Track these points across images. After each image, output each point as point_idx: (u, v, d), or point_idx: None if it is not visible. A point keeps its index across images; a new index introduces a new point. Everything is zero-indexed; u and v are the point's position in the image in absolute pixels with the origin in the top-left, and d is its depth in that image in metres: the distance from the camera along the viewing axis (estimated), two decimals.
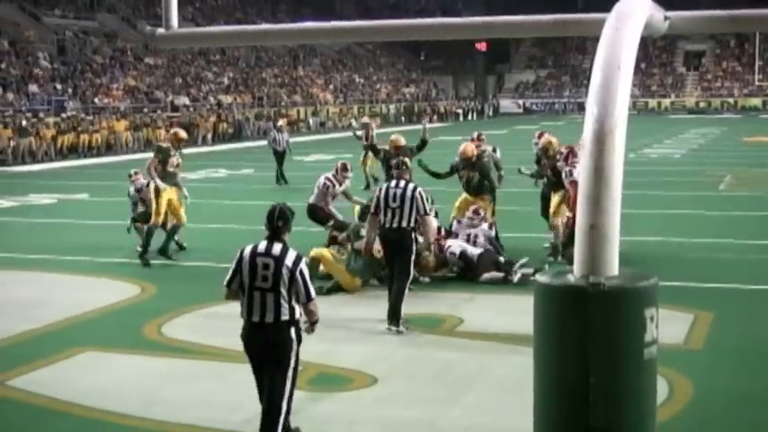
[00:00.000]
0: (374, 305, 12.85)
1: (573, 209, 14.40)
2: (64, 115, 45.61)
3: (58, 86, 51.36)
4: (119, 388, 9.82)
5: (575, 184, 14.40)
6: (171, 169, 16.60)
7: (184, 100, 57.84)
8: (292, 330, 7.49)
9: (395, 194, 12.30)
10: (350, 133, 33.48)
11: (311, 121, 65.50)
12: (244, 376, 10.14)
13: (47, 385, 9.93)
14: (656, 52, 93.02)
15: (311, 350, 10.50)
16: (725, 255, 16.61)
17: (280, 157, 29.38)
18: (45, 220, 19.69)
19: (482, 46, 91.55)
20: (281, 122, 34.71)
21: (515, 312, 12.40)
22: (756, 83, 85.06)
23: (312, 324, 7.75)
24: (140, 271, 15.88)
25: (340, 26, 9.27)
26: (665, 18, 6.93)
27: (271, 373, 7.48)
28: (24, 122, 41.37)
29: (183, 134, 17.44)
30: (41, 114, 45.20)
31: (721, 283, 14.41)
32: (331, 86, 77.38)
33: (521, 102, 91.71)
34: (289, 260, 7.44)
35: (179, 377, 10.24)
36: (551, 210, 16.04)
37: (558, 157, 15.96)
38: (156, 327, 12.24)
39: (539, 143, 17.40)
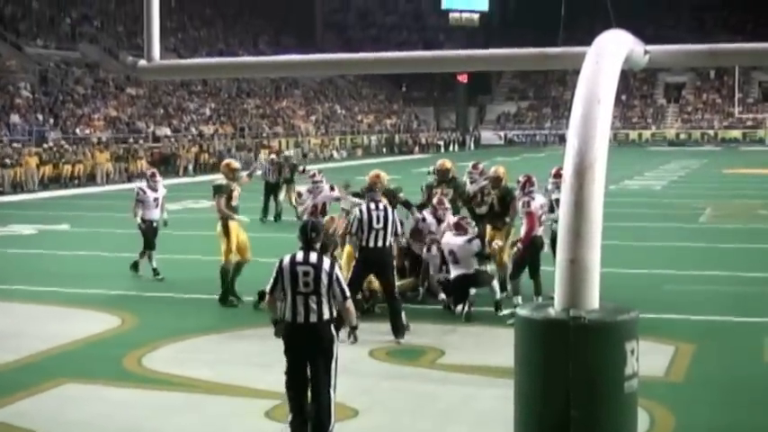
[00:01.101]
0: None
1: (526, 240, 14.36)
2: (46, 146, 45.53)
3: (40, 117, 51.27)
4: (100, 421, 9.76)
5: (531, 215, 14.36)
6: (234, 203, 15.66)
7: (166, 130, 57.80)
8: (332, 327, 8.59)
9: (378, 216, 13.06)
10: (331, 164, 33.53)
11: (293, 152, 65.55)
12: (226, 409, 10.12)
13: (28, 417, 9.86)
14: (636, 84, 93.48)
15: None
16: (706, 287, 16.65)
17: (271, 189, 28.00)
18: (25, 251, 19.62)
19: (463, 77, 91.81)
20: (273, 155, 33.51)
21: (497, 345, 12.40)
22: (736, 115, 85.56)
23: (352, 329, 9.05)
24: (120, 302, 15.82)
25: (322, 59, 9.30)
26: (646, 52, 6.99)
27: (316, 368, 8.52)
28: (9, 152, 41.47)
29: (235, 164, 16.44)
30: (21, 144, 45.05)
31: (702, 315, 14.44)
32: (313, 117, 77.46)
33: (502, 133, 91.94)
34: (326, 266, 8.57)
35: (161, 409, 10.19)
36: (496, 246, 15.34)
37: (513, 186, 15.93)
38: (136, 358, 12.18)
39: (477, 172, 16.90)
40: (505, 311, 13.93)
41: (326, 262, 8.66)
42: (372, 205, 13.29)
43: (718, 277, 17.59)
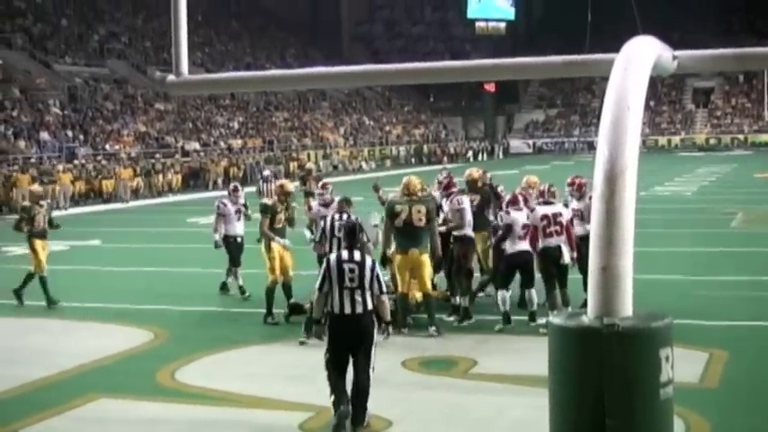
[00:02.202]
0: (386, 347, 12.84)
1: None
2: (76, 162, 45.81)
3: (69, 133, 51.59)
4: None
5: (532, 228, 14.18)
6: (278, 225, 15.61)
7: (195, 145, 58.04)
8: (374, 315, 9.76)
9: (340, 226, 13.53)
10: (360, 176, 33.15)
11: (322, 164, 65.67)
12: (261, 422, 10.13)
13: None
14: (664, 90, 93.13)
15: (323, 394, 10.48)
16: (738, 292, 16.56)
17: None
18: (58, 267, 19.69)
19: (491, 86, 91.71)
20: (267, 171, 31.71)
21: (530, 354, 12.35)
22: (766, 118, 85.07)
23: (386, 324, 10.11)
24: (152, 316, 15.87)
25: (349, 71, 9.30)
26: (674, 57, 6.96)
27: (359, 352, 9.62)
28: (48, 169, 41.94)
29: (289, 186, 16.32)
30: (54, 162, 45.34)
31: (735, 321, 14.36)
32: (341, 129, 77.58)
33: (531, 141, 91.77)
34: (368, 264, 9.77)
35: (195, 424, 10.21)
36: (482, 254, 15.71)
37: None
38: (169, 373, 12.22)
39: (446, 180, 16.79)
40: (540, 320, 13.88)
41: (369, 260, 9.85)
42: (336, 216, 14.11)
43: (751, 282, 17.49)
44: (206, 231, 21.61)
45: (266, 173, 30.17)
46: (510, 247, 14.16)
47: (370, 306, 9.71)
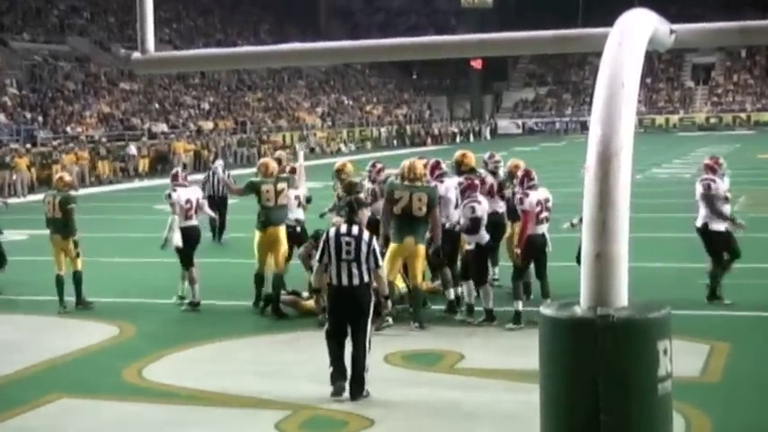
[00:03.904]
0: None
1: (520, 241, 14.43)
2: (35, 149, 45.63)
3: (27, 115, 51.36)
4: None
5: (525, 214, 14.09)
6: (269, 203, 15.37)
7: (162, 127, 57.87)
8: (371, 289, 10.71)
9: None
10: (339, 159, 32.68)
11: (297, 146, 65.45)
12: (233, 421, 10.13)
13: None
14: (662, 66, 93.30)
15: (302, 391, 10.48)
16: (742, 280, 16.59)
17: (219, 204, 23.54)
18: (16, 258, 19.63)
19: (478, 63, 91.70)
20: (219, 162, 27.29)
21: (519, 346, 12.38)
22: None
23: (386, 299, 11.26)
24: (118, 311, 15.83)
25: (326, 47, 9.28)
26: (671, 32, 6.97)
27: (357, 323, 10.58)
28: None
29: (273, 164, 16.05)
30: (12, 145, 45.08)
31: (738, 311, 14.41)
32: (318, 110, 77.47)
33: (520, 122, 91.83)
34: (365, 238, 10.75)
35: (164, 424, 10.20)
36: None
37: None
38: (136, 370, 12.20)
39: (375, 171, 16.74)
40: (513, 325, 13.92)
41: (366, 234, 10.84)
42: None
43: (755, 270, 17.54)
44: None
45: (218, 163, 26.83)
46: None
47: (366, 279, 10.67)
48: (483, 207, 14.09)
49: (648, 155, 46.64)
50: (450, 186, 14.97)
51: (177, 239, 15.95)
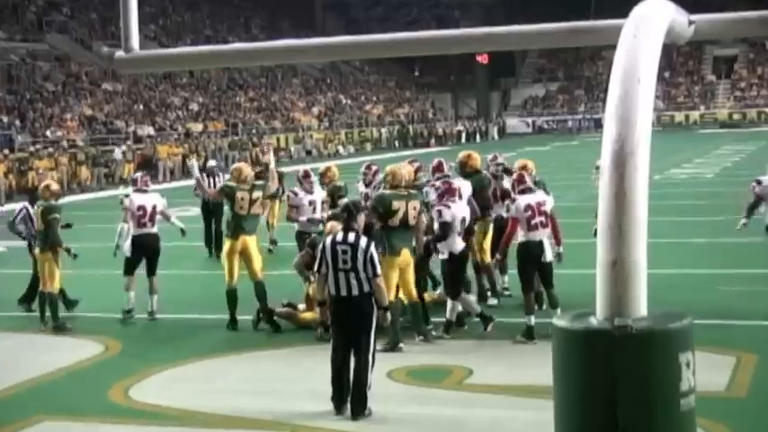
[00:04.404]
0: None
1: (502, 247, 14.70)
2: (12, 155, 45.58)
3: (4, 119, 51.37)
4: None
5: (512, 222, 14.11)
6: (242, 211, 15.41)
7: (148, 130, 57.87)
8: (372, 299, 10.70)
9: None
10: (337, 161, 32.65)
11: (293, 149, 65.55)
12: None
13: None
14: (681, 59, 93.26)
15: (301, 410, 10.47)
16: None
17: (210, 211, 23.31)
18: None
19: (484, 58, 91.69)
20: (212, 162, 28.20)
21: (532, 361, 12.37)
22: None
23: (385, 311, 10.97)
24: (102, 326, 15.85)
25: (322, 43, 9.28)
26: (690, 23, 6.95)
27: (358, 336, 10.60)
28: None
29: (247, 170, 16.05)
30: None
31: (766, 320, 14.38)
32: (314, 110, 77.47)
33: (529, 120, 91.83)
34: (362, 245, 10.72)
35: None
36: (478, 246, 15.78)
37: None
38: (123, 389, 12.19)
39: (371, 173, 16.92)
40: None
41: (363, 241, 10.80)
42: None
43: None
44: (160, 227, 21.42)
45: (211, 163, 27.30)
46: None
47: (366, 289, 10.69)
48: (453, 212, 13.99)
49: (667, 154, 46.60)
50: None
51: (127, 248, 16.26)
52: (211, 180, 23.33)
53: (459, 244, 14.11)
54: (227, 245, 15.49)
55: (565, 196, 26.20)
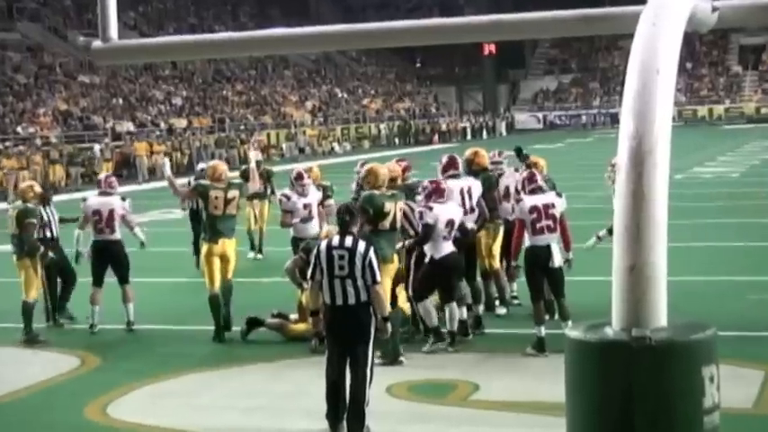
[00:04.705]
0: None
1: (513, 254, 14.71)
2: None
3: None
4: None
5: (518, 224, 14.10)
6: (217, 211, 15.56)
7: (128, 126, 57.86)
8: (370, 309, 10.58)
9: None
10: (332, 160, 32.50)
11: (285, 146, 65.50)
12: None
13: None
14: (704, 49, 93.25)
15: (292, 428, 10.47)
16: None
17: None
18: None
19: (491, 49, 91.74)
20: (202, 165, 27.41)
21: (543, 375, 12.37)
22: None
23: (385, 321, 10.73)
24: (78, 338, 15.83)
25: (316, 32, 9.28)
26: (714, 9, 6.96)
27: (354, 348, 10.51)
28: None
29: (222, 167, 16.16)
30: None
31: None
32: (308, 104, 77.47)
33: (540, 115, 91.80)
34: (360, 250, 10.56)
35: None
36: (486, 251, 15.81)
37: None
38: (101, 407, 12.18)
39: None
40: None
41: (361, 245, 10.64)
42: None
43: None
44: (147, 232, 21.42)
45: (201, 166, 27.07)
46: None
47: (364, 297, 10.55)
48: (436, 214, 13.86)
49: (689, 152, 46.60)
50: (453, 188, 14.95)
51: (88, 254, 16.35)
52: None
53: (443, 249, 14.02)
54: (205, 249, 15.53)
55: (578, 197, 26.20)
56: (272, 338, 14.96)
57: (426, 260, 14.12)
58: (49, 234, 16.60)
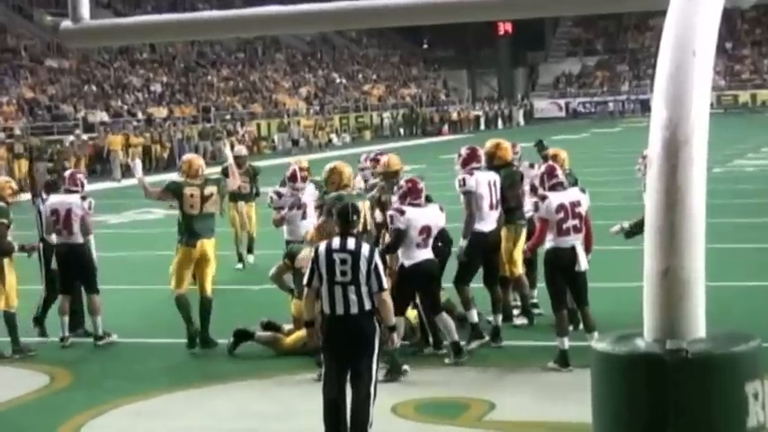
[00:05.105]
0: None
1: (527, 253, 15.02)
2: None
3: None
4: None
5: (541, 222, 13.95)
6: (193, 210, 15.63)
7: (101, 116, 57.85)
8: (374, 318, 10.53)
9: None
10: (329, 153, 32.35)
11: (277, 138, 65.49)
12: None
13: None
14: (746, 26, 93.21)
15: None
16: None
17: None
18: None
19: (507, 28, 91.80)
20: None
21: (564, 392, 12.37)
22: None
23: (391, 332, 10.77)
24: (48, 354, 15.82)
25: (311, 11, 9.28)
26: None
27: (357, 362, 10.42)
28: None
29: (198, 162, 16.21)
30: None
31: None
32: (302, 91, 77.49)
33: (562, 102, 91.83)
34: (365, 253, 10.49)
35: None
36: (506, 255, 15.71)
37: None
38: (73, 429, 12.21)
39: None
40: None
41: (365, 248, 10.59)
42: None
43: None
44: (118, 233, 21.57)
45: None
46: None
47: (368, 306, 10.48)
48: (408, 218, 13.69)
49: (730, 142, 46.53)
50: (481, 181, 14.94)
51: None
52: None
53: (416, 256, 13.81)
54: (180, 253, 15.55)
55: (602, 194, 26.20)
56: (262, 352, 14.96)
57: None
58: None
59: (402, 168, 15.75)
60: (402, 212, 13.72)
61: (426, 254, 13.96)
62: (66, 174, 17.53)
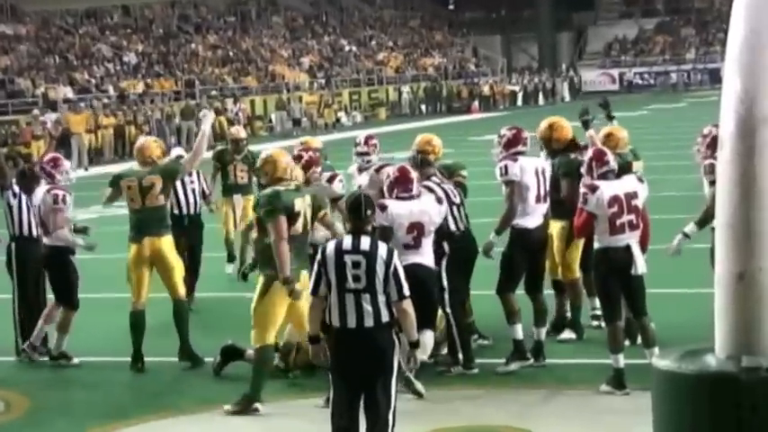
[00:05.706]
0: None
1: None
2: None
3: None
4: None
5: (584, 216, 13.81)
6: (134, 205, 15.60)
7: (65, 91, 57.88)
8: (393, 331, 10.38)
9: None
10: (337, 135, 32.18)
11: (275, 117, 65.44)
12: None
13: None
14: None
15: None
16: None
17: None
18: None
19: None
20: (177, 150, 27.17)
21: (619, 418, 12.38)
22: None
23: (413, 348, 10.59)
24: (3, 374, 15.87)
25: None
26: None
27: (372, 384, 10.26)
28: None
29: (151, 148, 16.05)
30: None
31: None
32: (304, 61, 77.48)
33: (615, 73, 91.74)
34: (382, 254, 10.31)
35: None
36: (559, 256, 15.77)
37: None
38: None
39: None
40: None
41: (383, 249, 10.39)
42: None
43: None
44: (105, 233, 21.41)
45: (177, 151, 26.57)
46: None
47: (385, 318, 10.33)
48: (392, 214, 13.60)
49: None
50: (527, 168, 14.72)
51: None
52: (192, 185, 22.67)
53: (404, 260, 13.26)
54: (131, 251, 15.53)
55: (663, 182, 26.19)
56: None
57: None
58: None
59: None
60: (384, 208, 13.52)
61: (417, 257, 13.75)
62: (47, 162, 17.34)
